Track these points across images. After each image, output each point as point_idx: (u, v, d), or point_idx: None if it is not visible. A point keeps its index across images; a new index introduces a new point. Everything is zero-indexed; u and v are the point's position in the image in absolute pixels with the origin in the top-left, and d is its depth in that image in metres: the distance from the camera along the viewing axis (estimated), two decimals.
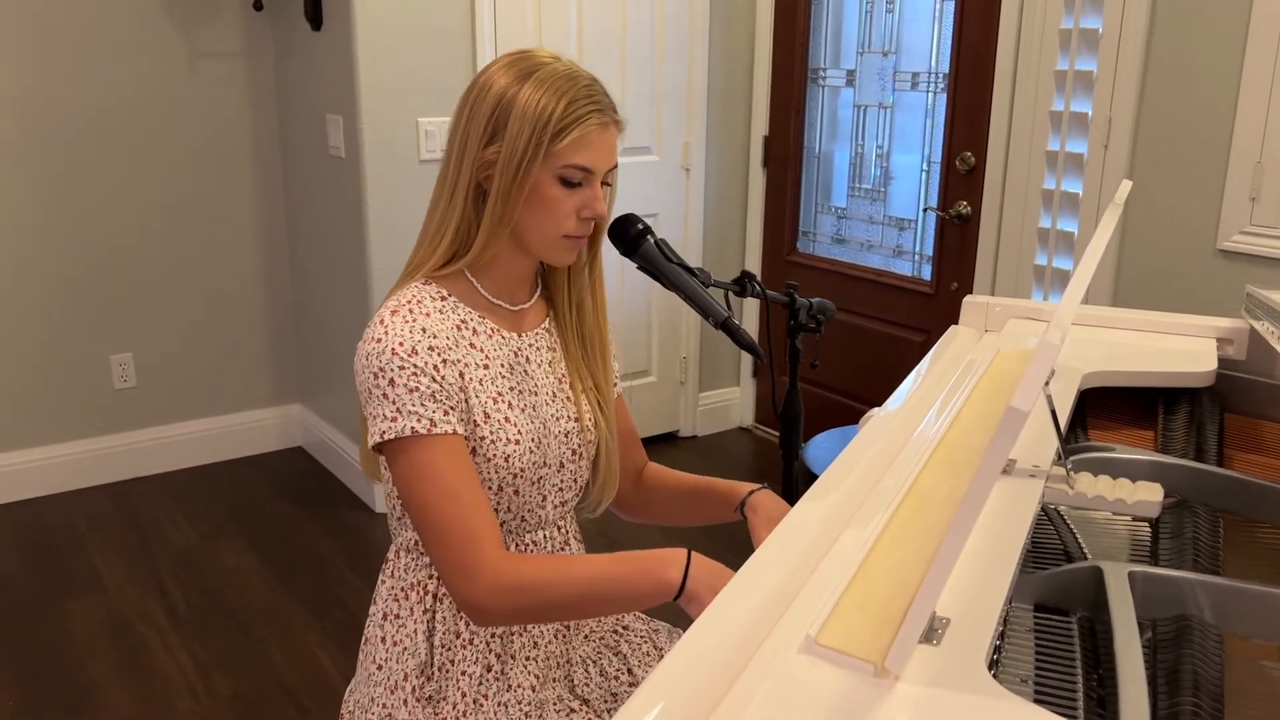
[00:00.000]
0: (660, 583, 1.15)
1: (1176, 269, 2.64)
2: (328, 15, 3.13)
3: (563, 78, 1.21)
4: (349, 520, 3.30)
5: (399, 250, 3.17)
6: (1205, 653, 0.92)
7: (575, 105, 1.20)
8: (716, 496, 1.43)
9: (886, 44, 3.37)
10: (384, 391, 1.18)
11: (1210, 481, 1.27)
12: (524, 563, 1.20)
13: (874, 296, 3.52)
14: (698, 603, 1.13)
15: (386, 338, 1.19)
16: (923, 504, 1.04)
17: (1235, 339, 1.66)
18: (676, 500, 1.48)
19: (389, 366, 1.18)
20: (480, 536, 1.19)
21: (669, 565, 1.15)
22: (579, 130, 1.21)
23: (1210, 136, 2.52)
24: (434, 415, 1.19)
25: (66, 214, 3.33)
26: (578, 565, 1.19)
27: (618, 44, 3.43)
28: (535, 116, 1.19)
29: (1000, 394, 1.33)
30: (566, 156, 1.21)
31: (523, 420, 1.28)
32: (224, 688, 2.44)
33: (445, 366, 1.21)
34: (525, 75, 1.21)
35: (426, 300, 1.24)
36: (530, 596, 1.17)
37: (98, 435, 3.52)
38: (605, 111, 1.23)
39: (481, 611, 1.19)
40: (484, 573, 1.17)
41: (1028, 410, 0.65)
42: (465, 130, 1.24)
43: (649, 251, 1.32)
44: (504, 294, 1.31)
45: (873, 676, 0.80)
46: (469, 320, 1.27)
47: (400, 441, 1.19)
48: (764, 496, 1.38)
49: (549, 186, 1.22)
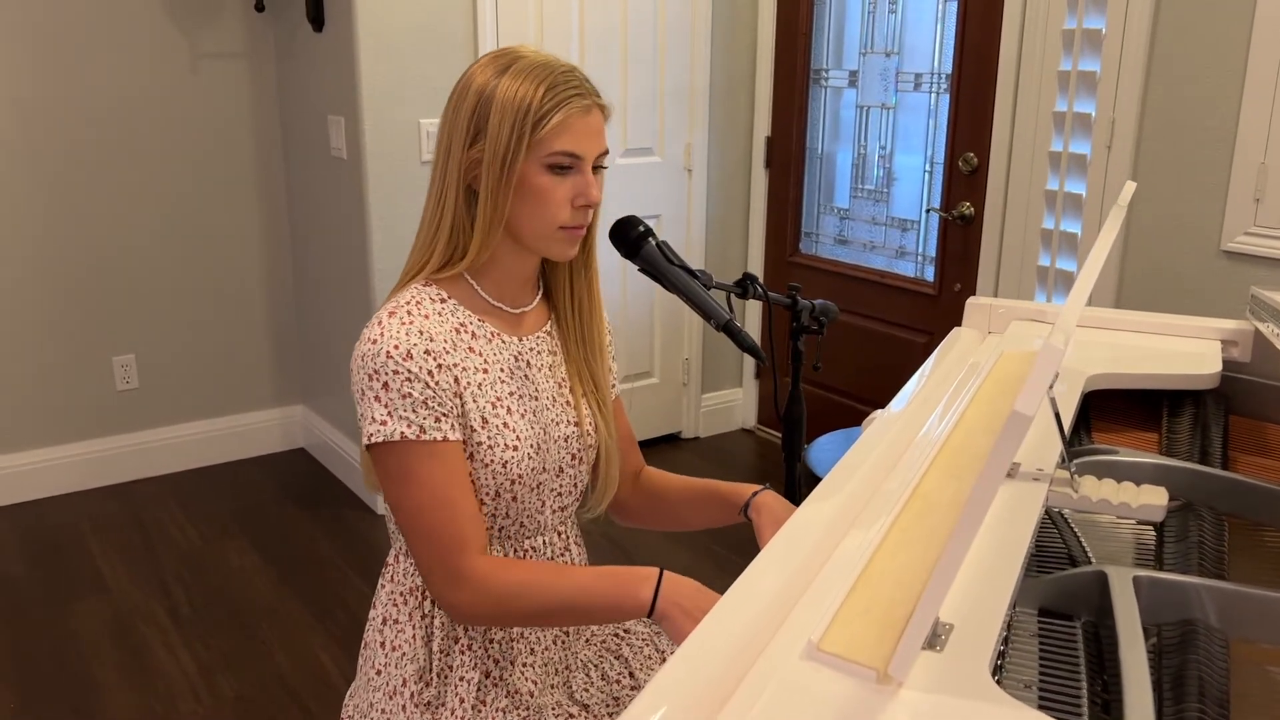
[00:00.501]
0: (634, 601, 1.17)
1: (1180, 270, 2.63)
2: (329, 16, 3.13)
3: (539, 66, 1.20)
4: (351, 521, 3.30)
5: (401, 251, 3.17)
6: (1211, 658, 0.91)
7: (554, 90, 1.19)
8: (719, 499, 1.42)
9: (889, 45, 3.36)
10: (376, 394, 1.18)
11: (1215, 484, 1.26)
12: (508, 571, 1.21)
13: (877, 298, 3.51)
14: (668, 620, 1.16)
15: (382, 339, 1.18)
16: (926, 508, 1.03)
17: (1240, 341, 1.65)
18: (678, 504, 1.48)
19: (383, 370, 1.17)
20: (466, 543, 1.19)
21: (642, 584, 1.17)
22: (561, 114, 1.19)
23: (1214, 137, 2.51)
24: (424, 422, 1.18)
25: (68, 215, 3.33)
26: (560, 577, 1.20)
27: (619, 44, 3.43)
28: (515, 107, 1.18)
29: (1004, 396, 1.32)
30: (551, 143, 1.19)
31: (523, 425, 1.27)
32: (227, 689, 2.44)
33: (440, 371, 1.20)
34: (503, 69, 1.21)
35: (426, 302, 1.24)
36: (511, 604, 1.19)
37: (100, 436, 3.52)
38: (586, 95, 1.22)
39: (463, 616, 1.22)
40: (468, 579, 1.18)
41: (1032, 415, 0.65)
42: (449, 131, 1.23)
43: (650, 254, 1.31)
44: (505, 296, 1.30)
45: (876, 683, 0.79)
46: (468, 324, 1.26)
47: (389, 445, 1.19)
48: (768, 497, 1.38)
49: (537, 176, 1.20)
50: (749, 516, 1.38)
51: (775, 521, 1.31)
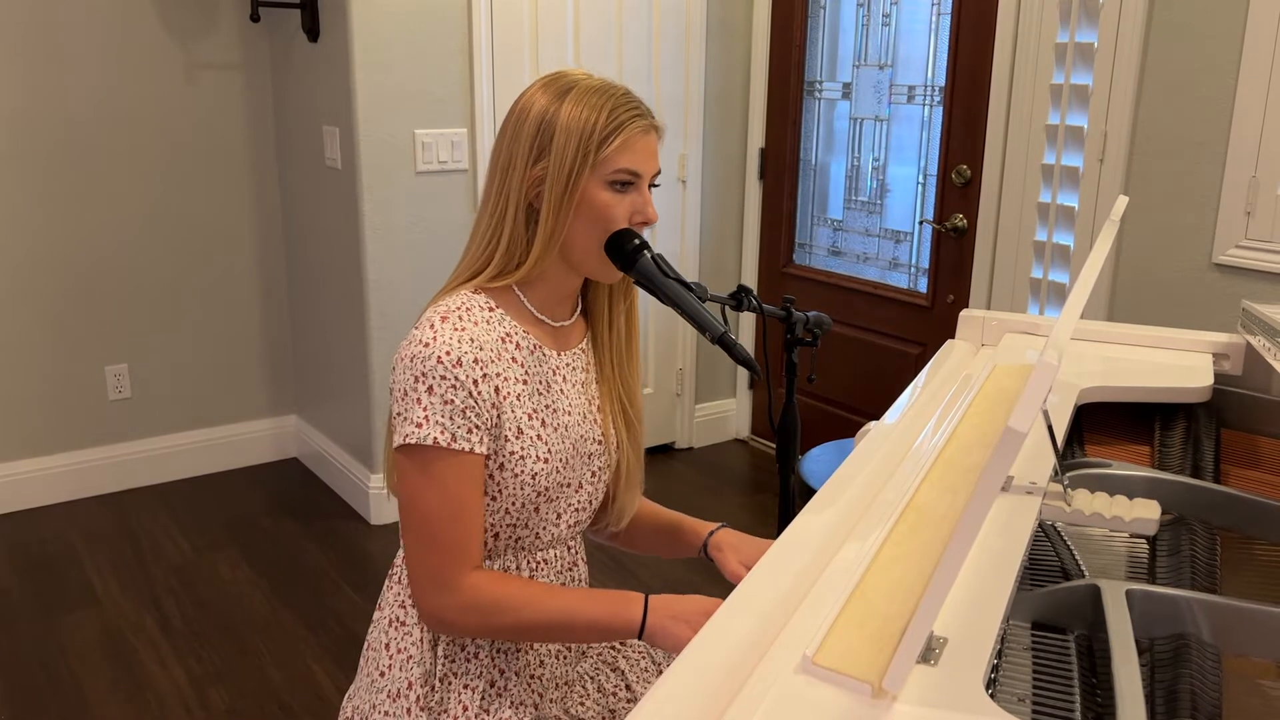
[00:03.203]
0: (625, 622, 1.22)
1: (1171, 282, 2.64)
2: (325, 27, 3.14)
3: (598, 90, 1.25)
4: (344, 533, 3.29)
5: (396, 261, 3.17)
6: (1203, 672, 0.92)
7: (617, 112, 1.24)
8: (678, 535, 1.48)
9: (883, 57, 3.38)
10: (419, 396, 1.19)
11: (1207, 498, 1.27)
12: (500, 585, 1.23)
13: (869, 309, 3.52)
14: (662, 633, 1.20)
15: (435, 344, 1.19)
16: (920, 521, 1.03)
17: (1231, 354, 1.66)
18: (650, 534, 1.52)
19: (431, 373, 1.19)
20: (467, 555, 1.22)
21: (630, 604, 1.22)
22: (623, 135, 1.24)
23: (1205, 151, 2.53)
24: (457, 430, 1.20)
25: (63, 224, 3.32)
26: (550, 597, 1.23)
27: (614, 56, 3.44)
28: (580, 129, 1.23)
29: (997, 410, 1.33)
30: (613, 162, 1.24)
31: (554, 439, 1.29)
32: (219, 702, 2.43)
33: (484, 381, 1.22)
34: (563, 93, 1.25)
35: (475, 309, 1.25)
36: (499, 618, 1.22)
37: (92, 446, 3.51)
38: (645, 116, 1.27)
39: (443, 624, 1.24)
40: (460, 590, 1.21)
41: (1026, 430, 0.65)
42: (510, 152, 1.26)
43: (646, 266, 1.31)
44: (548, 310, 1.32)
45: (870, 697, 0.79)
46: (513, 334, 1.28)
47: (420, 448, 1.20)
48: (726, 535, 1.43)
49: (599, 193, 1.24)
50: (709, 555, 1.42)
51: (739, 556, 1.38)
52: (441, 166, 3.19)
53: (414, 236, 3.19)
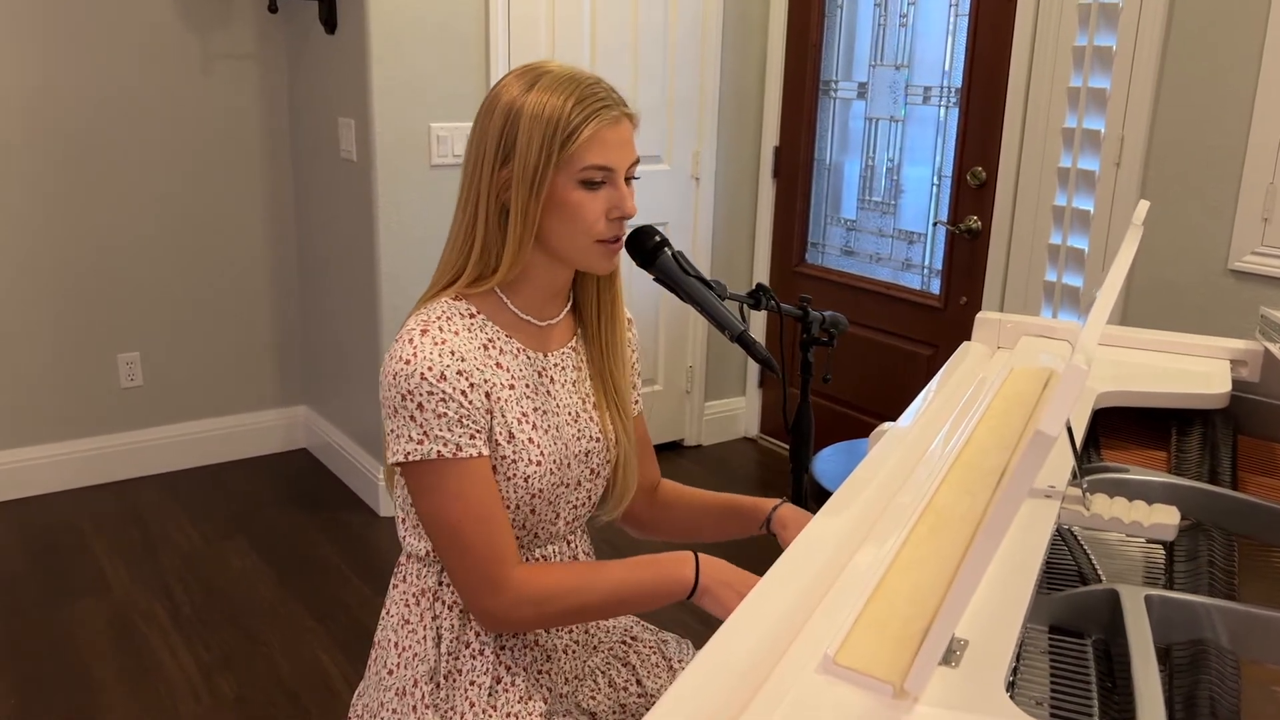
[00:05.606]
0: (678, 582, 1.21)
1: (1188, 288, 2.64)
2: (342, 18, 3.14)
3: (565, 79, 1.19)
4: (353, 523, 3.30)
5: (409, 254, 3.18)
6: (1222, 678, 0.91)
7: (582, 103, 1.18)
8: (738, 513, 1.44)
9: (899, 57, 3.37)
10: (410, 414, 1.18)
11: (1225, 504, 1.26)
12: (546, 574, 1.23)
13: (882, 309, 3.51)
14: (711, 596, 1.20)
15: (415, 360, 1.17)
16: (940, 523, 1.03)
17: (1249, 361, 1.65)
18: (694, 517, 1.49)
19: (417, 390, 1.17)
20: (505, 554, 1.21)
21: (682, 565, 1.22)
22: (591, 128, 1.18)
23: (1223, 157, 2.52)
24: (460, 440, 1.18)
25: (76, 213, 3.33)
26: (597, 573, 1.23)
27: (630, 52, 3.43)
28: (544, 122, 1.17)
29: (1015, 413, 1.32)
30: (582, 158, 1.18)
31: (546, 441, 1.28)
32: (227, 690, 2.44)
33: (472, 390, 1.20)
34: (530, 85, 1.19)
35: (455, 318, 1.23)
36: (552, 605, 1.22)
37: (103, 434, 3.52)
38: (614, 105, 1.20)
39: (502, 623, 1.23)
40: (508, 588, 1.20)
41: (1056, 434, 0.65)
42: (479, 148, 1.22)
43: (666, 264, 1.31)
44: (534, 309, 1.29)
45: (892, 697, 0.79)
46: (496, 339, 1.26)
47: (426, 463, 1.19)
48: (789, 511, 1.40)
49: (570, 192, 1.19)
50: (772, 530, 1.39)
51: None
52: (456, 160, 3.18)
53: (427, 230, 3.19)
